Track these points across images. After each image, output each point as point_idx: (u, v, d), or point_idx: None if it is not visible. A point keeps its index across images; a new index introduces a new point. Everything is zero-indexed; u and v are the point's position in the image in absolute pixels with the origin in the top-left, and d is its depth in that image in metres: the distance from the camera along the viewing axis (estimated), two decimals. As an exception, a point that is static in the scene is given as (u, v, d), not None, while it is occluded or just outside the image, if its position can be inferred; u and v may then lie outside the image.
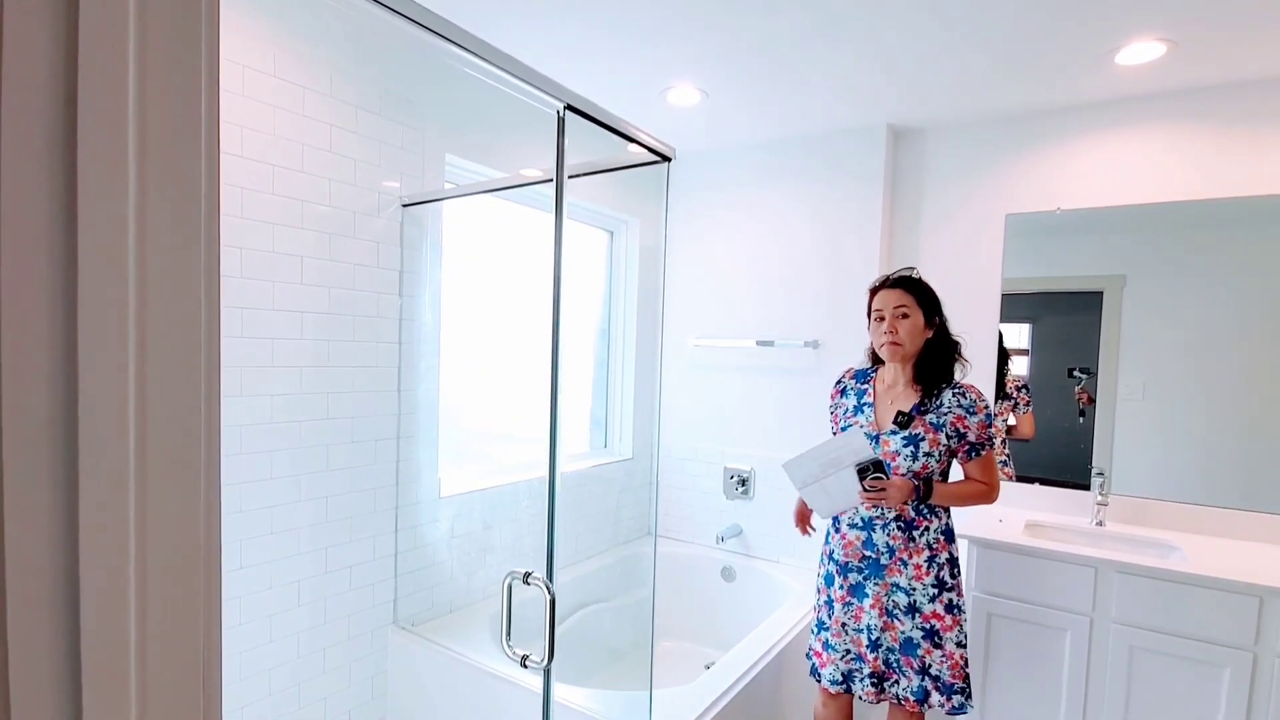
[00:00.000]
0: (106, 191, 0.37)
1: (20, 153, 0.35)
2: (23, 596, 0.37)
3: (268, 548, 1.75)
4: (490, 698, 1.88)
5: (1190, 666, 1.83)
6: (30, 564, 0.37)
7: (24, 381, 0.36)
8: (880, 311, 1.74)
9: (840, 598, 1.79)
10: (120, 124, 0.38)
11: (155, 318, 0.41)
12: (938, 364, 1.73)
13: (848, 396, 1.87)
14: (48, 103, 0.36)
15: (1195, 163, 2.20)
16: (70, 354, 0.37)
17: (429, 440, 2.15)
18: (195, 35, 0.42)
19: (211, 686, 0.46)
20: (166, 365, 0.42)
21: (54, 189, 0.36)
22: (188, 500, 0.44)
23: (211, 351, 0.44)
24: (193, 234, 0.43)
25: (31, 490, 0.37)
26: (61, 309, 0.37)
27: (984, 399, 1.71)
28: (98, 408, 0.38)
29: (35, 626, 0.37)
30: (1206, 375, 2.21)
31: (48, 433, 0.37)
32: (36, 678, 0.37)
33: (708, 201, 3.04)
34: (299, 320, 1.78)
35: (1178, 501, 2.25)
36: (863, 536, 1.75)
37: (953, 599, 1.70)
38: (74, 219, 0.37)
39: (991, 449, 1.71)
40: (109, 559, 0.40)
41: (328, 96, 1.81)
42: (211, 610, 0.46)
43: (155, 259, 0.41)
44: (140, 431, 0.41)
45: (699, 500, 3.10)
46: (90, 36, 0.36)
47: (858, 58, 2.04)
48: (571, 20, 1.86)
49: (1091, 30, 1.83)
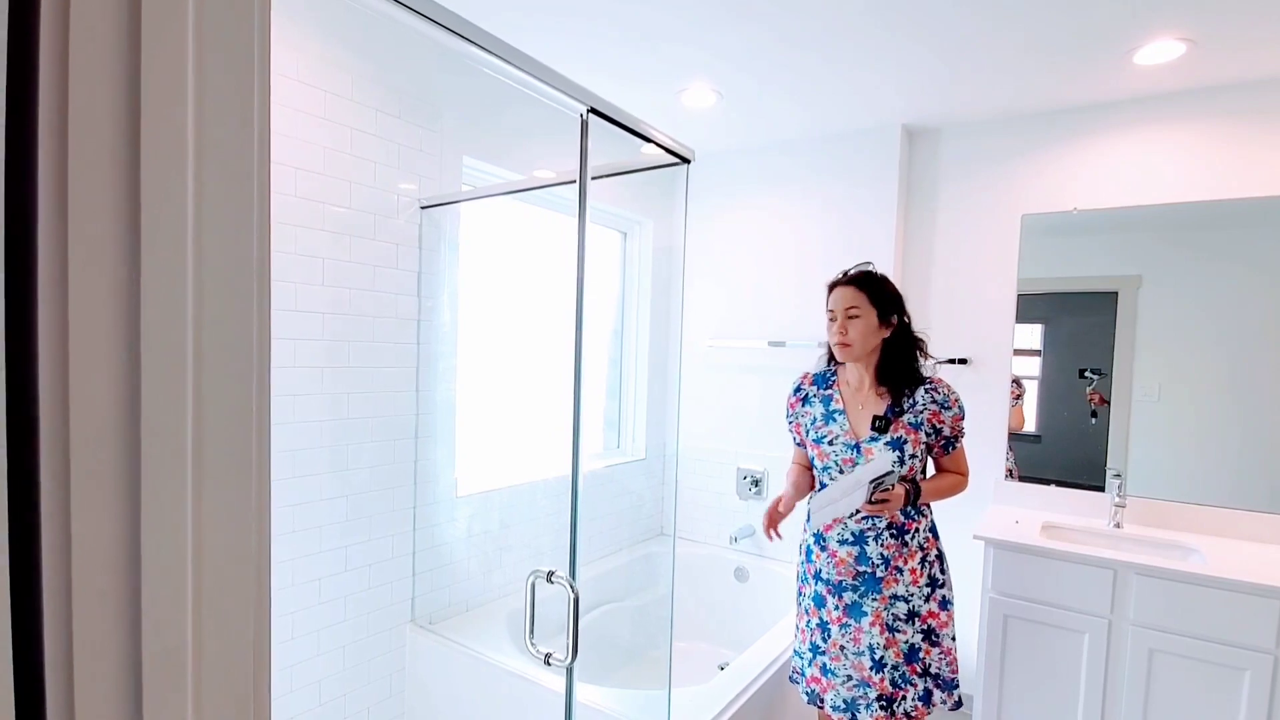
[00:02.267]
0: (167, 199, 0.38)
1: (86, 161, 0.36)
2: (88, 593, 0.38)
3: (288, 546, 1.77)
4: (507, 696, 1.89)
5: (1210, 669, 1.82)
6: (95, 562, 0.38)
7: (91, 383, 0.37)
8: (832, 311, 1.68)
9: (836, 619, 1.70)
10: (180, 133, 0.39)
11: (211, 323, 0.42)
12: (899, 364, 1.68)
13: (812, 405, 1.78)
14: (111, 117, 0.37)
15: (1214, 162, 2.19)
16: (134, 357, 0.38)
17: (446, 440, 2.16)
18: (249, 45, 0.43)
19: (261, 683, 0.47)
20: (221, 368, 0.43)
21: (118, 200, 0.37)
22: (241, 499, 0.45)
23: (263, 356, 0.46)
24: (246, 238, 0.44)
25: (97, 490, 0.38)
26: (125, 314, 0.38)
27: (954, 392, 1.69)
28: (159, 410, 0.39)
29: (99, 622, 0.38)
30: (1224, 376, 2.20)
31: (113, 434, 0.38)
32: (99, 672, 0.39)
33: (721, 202, 3.05)
34: (319, 321, 1.80)
35: (1196, 503, 2.23)
36: (855, 552, 1.67)
37: (945, 595, 1.69)
38: (138, 227, 0.38)
39: (963, 439, 1.72)
40: (169, 557, 0.41)
41: (348, 100, 1.83)
42: (262, 607, 0.47)
43: (211, 267, 0.42)
44: (197, 432, 0.42)
45: (712, 501, 3.10)
46: (152, 46, 0.37)
47: (872, 57, 2.04)
48: (585, 22, 1.87)
49: (1110, 30, 1.83)
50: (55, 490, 0.37)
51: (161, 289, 0.39)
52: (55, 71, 0.35)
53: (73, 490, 0.37)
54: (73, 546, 0.37)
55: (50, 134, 0.35)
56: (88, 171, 0.36)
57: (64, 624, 0.37)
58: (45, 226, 0.35)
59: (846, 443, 1.68)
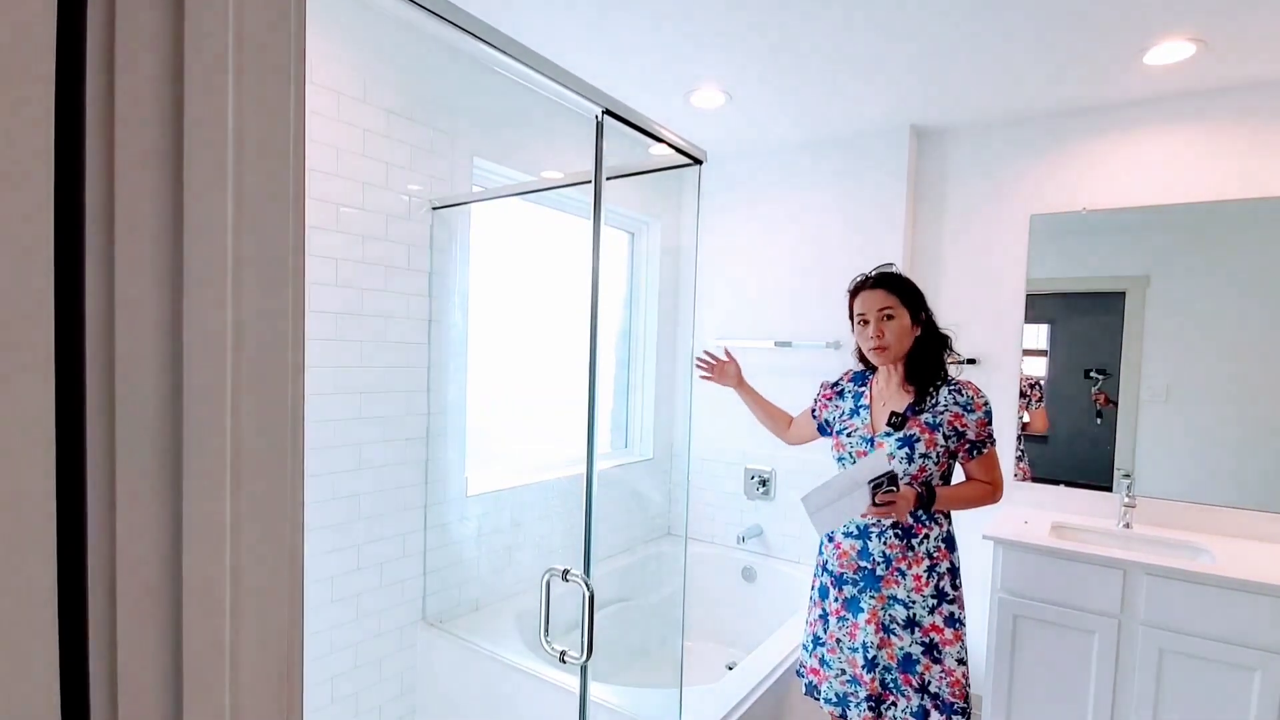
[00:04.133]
0: (209, 206, 0.39)
1: (133, 166, 0.37)
2: (132, 593, 0.39)
3: (302, 544, 1.78)
4: (518, 694, 1.90)
5: (1220, 669, 1.82)
6: (138, 560, 0.39)
7: (136, 385, 0.38)
8: (863, 315, 1.64)
9: (835, 611, 1.68)
10: (221, 140, 0.40)
11: (249, 326, 0.43)
12: (929, 362, 1.64)
13: (845, 399, 1.78)
14: (156, 125, 0.38)
15: (1223, 162, 2.18)
16: (176, 360, 0.39)
17: (457, 439, 2.17)
18: (285, 51, 0.44)
19: (294, 682, 0.48)
20: (260, 371, 0.44)
21: (161, 205, 0.38)
22: (277, 498, 0.46)
23: (297, 359, 0.46)
24: (282, 241, 0.45)
25: (140, 492, 0.39)
26: (169, 315, 0.39)
27: (982, 395, 1.62)
28: (200, 411, 0.40)
29: (142, 622, 0.39)
30: (1233, 377, 2.19)
31: (156, 435, 0.39)
32: (141, 669, 0.39)
33: (728, 203, 3.06)
34: (332, 321, 1.81)
35: (1205, 504, 2.23)
36: (858, 546, 1.64)
37: (954, 612, 1.60)
38: (180, 230, 0.39)
39: (993, 445, 1.63)
40: (209, 555, 0.41)
41: (361, 102, 1.84)
42: (295, 605, 0.48)
43: (250, 268, 0.43)
44: (236, 434, 0.42)
45: (720, 500, 3.11)
46: (194, 51, 0.38)
47: (881, 59, 2.04)
48: (595, 23, 1.88)
49: (1120, 30, 1.83)
50: (101, 491, 0.38)
51: (203, 289, 0.39)
52: (102, 80, 0.36)
53: (118, 490, 0.38)
54: (117, 545, 0.38)
55: (97, 139, 0.36)
56: (133, 173, 0.37)
57: (108, 619, 0.38)
58: (92, 229, 0.36)
59: (863, 436, 1.67)
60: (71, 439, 0.36)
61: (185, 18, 0.38)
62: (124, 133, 0.36)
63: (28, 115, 0.33)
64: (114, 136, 0.36)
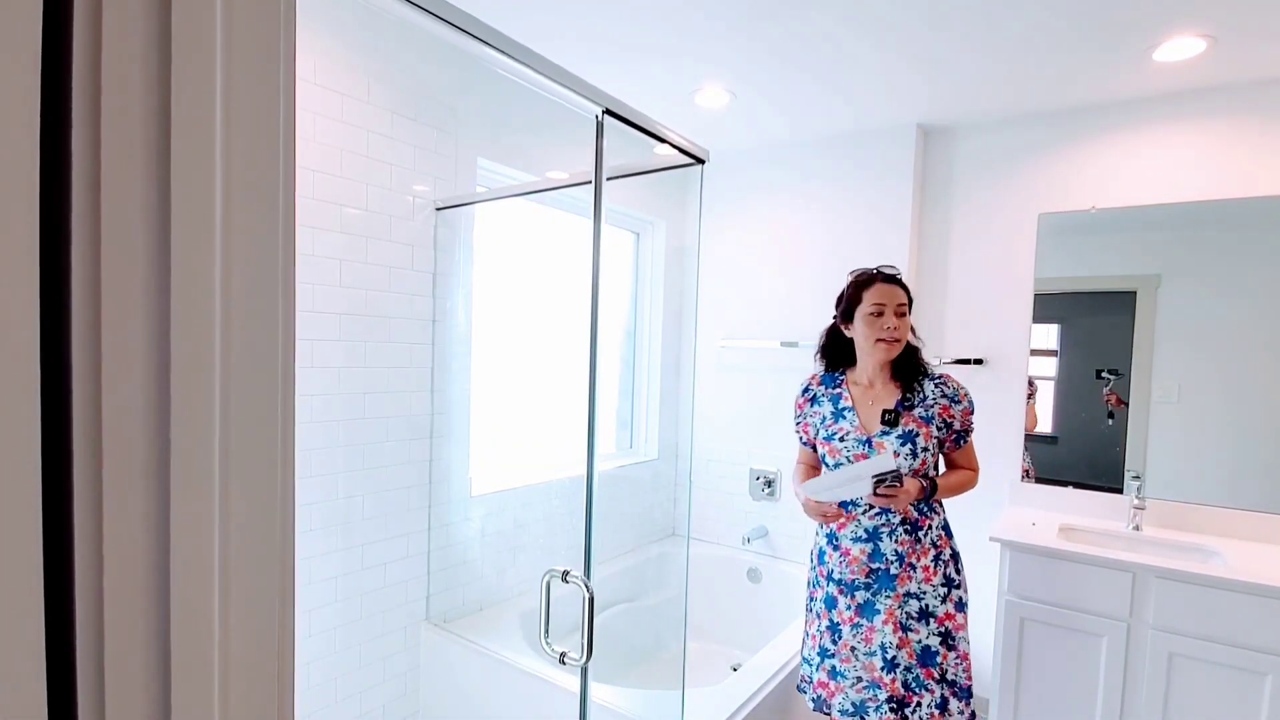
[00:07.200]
0: (197, 201, 0.39)
1: (120, 163, 0.37)
2: (119, 590, 0.38)
3: (304, 544, 1.79)
4: (520, 694, 1.90)
5: (1230, 673, 1.79)
6: (126, 559, 0.39)
7: (122, 384, 0.38)
8: (881, 305, 1.67)
9: (848, 619, 1.67)
10: (209, 137, 0.40)
11: (238, 324, 0.43)
12: (914, 360, 1.72)
13: (820, 404, 1.79)
14: (142, 122, 0.37)
15: (1234, 160, 2.16)
16: (164, 357, 0.39)
17: (461, 440, 2.17)
18: (274, 52, 0.43)
19: (285, 682, 0.47)
20: (248, 369, 0.43)
21: (148, 201, 0.38)
22: (267, 498, 0.45)
23: (287, 357, 0.46)
24: (271, 242, 0.44)
25: (128, 489, 0.38)
26: (156, 313, 0.39)
27: (963, 387, 1.71)
28: (188, 410, 0.40)
29: (129, 619, 0.39)
30: (1245, 377, 2.16)
31: (143, 433, 0.39)
32: (129, 668, 0.39)
33: (733, 202, 3.05)
34: (336, 322, 1.82)
35: (1216, 506, 2.20)
36: (869, 549, 1.66)
37: (961, 596, 1.67)
38: (167, 228, 0.38)
39: (972, 434, 1.73)
40: (197, 555, 0.41)
41: (365, 103, 1.85)
42: (286, 604, 0.47)
43: (239, 270, 0.42)
44: (225, 433, 0.42)
45: (725, 501, 3.10)
46: (182, 51, 0.38)
47: (887, 57, 2.03)
48: (598, 23, 1.87)
49: (1129, 27, 1.81)
50: (87, 490, 0.37)
51: (191, 290, 0.39)
52: (88, 77, 0.36)
53: (105, 489, 0.37)
54: (104, 544, 0.38)
55: (83, 141, 0.36)
56: (119, 173, 0.37)
57: (95, 619, 0.38)
58: (79, 230, 0.36)
59: (858, 438, 1.68)
60: (57, 437, 0.36)
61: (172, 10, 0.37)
62: (109, 130, 0.36)
63: (13, 112, 0.32)
64: (100, 135, 0.36)
